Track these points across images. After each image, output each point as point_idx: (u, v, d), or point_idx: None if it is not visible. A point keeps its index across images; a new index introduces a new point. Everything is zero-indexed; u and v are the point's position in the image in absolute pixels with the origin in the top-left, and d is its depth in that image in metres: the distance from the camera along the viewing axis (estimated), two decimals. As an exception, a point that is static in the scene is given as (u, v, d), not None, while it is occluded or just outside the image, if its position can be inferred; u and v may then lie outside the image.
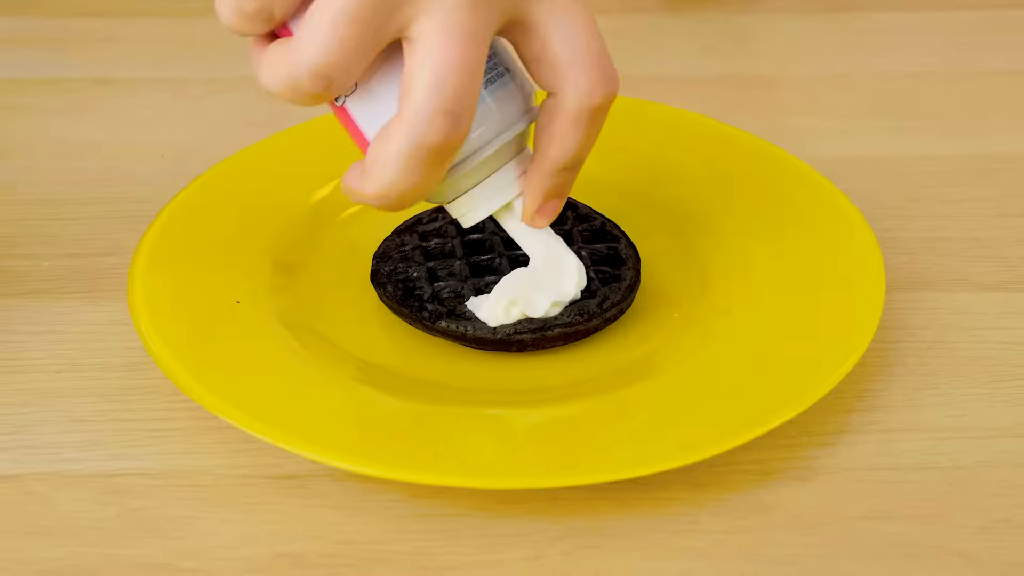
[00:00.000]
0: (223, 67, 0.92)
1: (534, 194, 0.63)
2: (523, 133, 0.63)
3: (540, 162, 0.62)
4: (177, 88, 0.92)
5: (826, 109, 0.91)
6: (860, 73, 0.94)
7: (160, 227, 0.74)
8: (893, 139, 0.88)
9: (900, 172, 0.84)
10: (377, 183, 0.59)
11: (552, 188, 0.63)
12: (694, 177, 0.80)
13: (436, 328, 0.69)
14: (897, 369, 0.70)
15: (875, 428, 0.67)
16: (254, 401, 0.64)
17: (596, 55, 0.60)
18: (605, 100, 0.61)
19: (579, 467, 0.62)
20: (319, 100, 0.59)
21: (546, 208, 0.64)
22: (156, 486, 0.64)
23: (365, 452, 0.62)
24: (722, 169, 0.80)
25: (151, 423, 0.67)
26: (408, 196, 0.60)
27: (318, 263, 0.75)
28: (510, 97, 0.62)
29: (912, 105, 0.91)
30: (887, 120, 0.89)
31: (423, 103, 0.57)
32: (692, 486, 0.63)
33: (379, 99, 0.60)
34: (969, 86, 0.93)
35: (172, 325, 0.68)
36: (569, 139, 0.61)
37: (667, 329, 0.71)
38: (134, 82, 0.92)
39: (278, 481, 0.64)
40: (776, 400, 0.64)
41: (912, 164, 0.85)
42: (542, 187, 0.63)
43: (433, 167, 0.59)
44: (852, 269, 0.72)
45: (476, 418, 0.65)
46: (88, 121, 0.89)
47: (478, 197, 0.64)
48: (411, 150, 0.58)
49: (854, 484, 0.64)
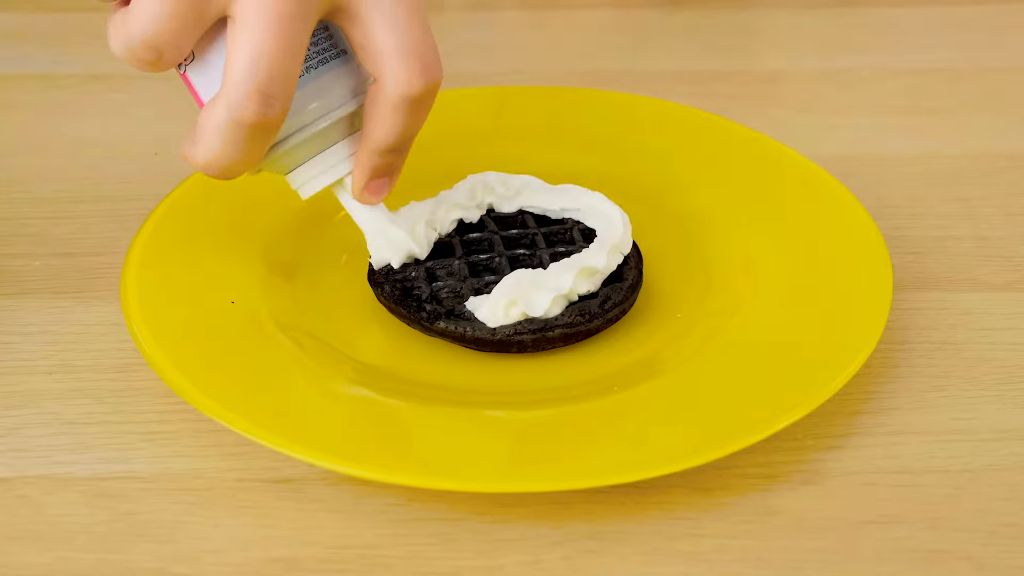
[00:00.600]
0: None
1: (362, 172, 0.66)
2: (355, 113, 0.66)
3: (366, 142, 0.65)
4: (172, 83, 0.91)
5: (830, 106, 0.90)
6: (864, 69, 0.94)
7: (154, 226, 0.74)
8: (899, 136, 0.87)
9: (906, 170, 0.84)
10: (202, 153, 0.63)
11: (378, 167, 0.66)
12: (697, 175, 0.79)
13: (434, 329, 0.68)
14: (904, 370, 0.69)
15: (882, 431, 0.66)
16: (248, 403, 0.64)
17: (417, 45, 0.63)
18: (425, 91, 0.63)
19: (580, 470, 0.62)
20: (156, 68, 0.62)
21: (373, 185, 0.67)
22: (148, 489, 0.63)
23: (361, 455, 0.62)
24: (725, 167, 0.80)
25: (144, 425, 0.66)
26: (232, 168, 0.63)
27: (314, 262, 0.74)
28: (342, 77, 0.65)
29: (918, 102, 0.91)
30: (892, 117, 0.89)
31: (238, 82, 0.60)
32: (695, 490, 0.63)
33: (214, 70, 0.63)
34: (976, 82, 0.92)
35: (165, 326, 0.68)
36: (390, 124, 0.64)
37: (670, 330, 0.70)
38: (128, 78, 0.92)
39: (272, 485, 0.64)
40: (781, 402, 0.64)
41: (918, 162, 0.85)
42: (368, 165, 0.66)
43: (252, 142, 0.62)
44: (858, 268, 0.71)
45: (475, 420, 0.65)
46: (81, 117, 0.89)
47: (311, 171, 0.66)
48: (229, 125, 0.61)
49: (860, 488, 0.64)
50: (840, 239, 0.73)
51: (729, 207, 0.77)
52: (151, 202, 0.76)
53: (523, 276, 0.68)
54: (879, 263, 0.71)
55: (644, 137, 0.82)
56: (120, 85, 0.91)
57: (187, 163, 0.65)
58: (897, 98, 0.91)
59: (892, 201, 0.81)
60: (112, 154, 0.85)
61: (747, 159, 0.80)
